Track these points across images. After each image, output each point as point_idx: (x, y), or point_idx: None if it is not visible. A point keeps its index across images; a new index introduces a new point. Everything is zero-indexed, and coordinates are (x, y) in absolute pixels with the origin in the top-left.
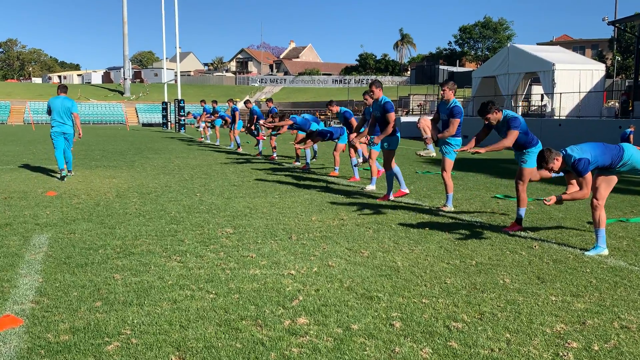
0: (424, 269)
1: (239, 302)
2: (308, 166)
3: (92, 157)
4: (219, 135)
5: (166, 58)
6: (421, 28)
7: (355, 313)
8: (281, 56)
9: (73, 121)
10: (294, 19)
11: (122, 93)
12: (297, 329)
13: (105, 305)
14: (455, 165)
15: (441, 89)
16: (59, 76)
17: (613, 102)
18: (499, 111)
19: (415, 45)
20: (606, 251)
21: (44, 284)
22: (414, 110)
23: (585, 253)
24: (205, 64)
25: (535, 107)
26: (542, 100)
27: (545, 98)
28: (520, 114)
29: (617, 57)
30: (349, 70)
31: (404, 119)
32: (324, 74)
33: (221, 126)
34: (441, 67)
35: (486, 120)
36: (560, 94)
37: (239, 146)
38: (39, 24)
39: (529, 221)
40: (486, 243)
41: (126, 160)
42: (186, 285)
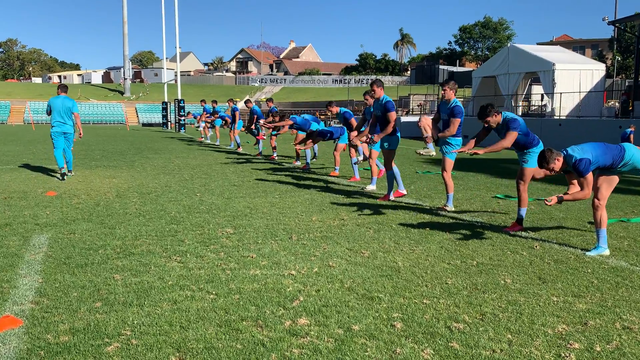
0: (425, 269)
1: (239, 303)
2: (308, 166)
3: (92, 157)
4: (219, 135)
5: (166, 58)
6: (421, 28)
7: (356, 314)
8: (281, 56)
9: (73, 121)
10: (294, 19)
11: (122, 93)
12: (298, 329)
13: (105, 306)
14: (456, 165)
15: (442, 88)
16: (59, 76)
17: (613, 102)
18: (498, 114)
19: (415, 45)
20: (607, 251)
21: (44, 285)
22: (414, 110)
23: (587, 253)
24: (205, 64)
25: (536, 107)
26: (542, 100)
27: (546, 98)
28: (520, 113)
29: (617, 57)
30: (349, 70)
31: (404, 118)
32: (324, 74)
33: (221, 126)
34: (441, 67)
35: (486, 124)
36: (560, 93)
37: (239, 146)
38: (39, 24)
39: (530, 221)
40: (487, 243)
41: (126, 160)
42: (186, 286)
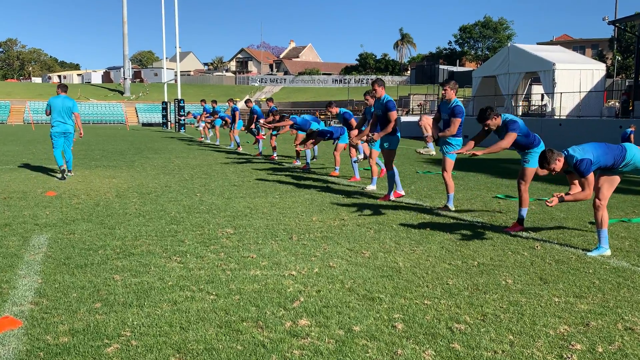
0: (426, 270)
1: (239, 304)
2: (308, 166)
3: (92, 157)
4: (219, 135)
5: (166, 58)
6: (421, 28)
7: (356, 314)
8: (281, 56)
9: (74, 121)
10: (294, 18)
11: (122, 93)
12: (299, 330)
13: (104, 307)
14: (456, 165)
15: (442, 88)
16: (59, 76)
17: (613, 102)
18: (497, 116)
19: (415, 45)
20: (609, 252)
21: (43, 285)
22: (414, 110)
23: (588, 254)
24: (205, 64)
25: (536, 107)
26: (543, 100)
27: (546, 98)
28: (520, 113)
29: (618, 57)
30: (349, 70)
31: (404, 118)
32: (324, 74)
33: (221, 126)
34: (441, 67)
35: (486, 127)
36: (560, 93)
37: (238, 145)
38: (39, 24)
39: (531, 221)
40: (488, 243)
41: (126, 160)
42: (186, 286)
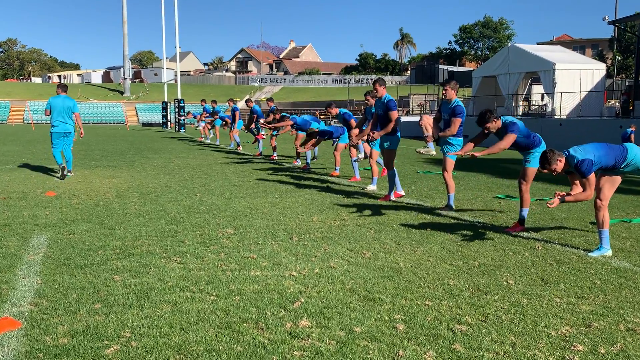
0: (427, 270)
1: (240, 304)
2: (308, 166)
3: (92, 157)
4: (219, 134)
5: (166, 58)
6: (421, 28)
7: (357, 315)
8: (281, 56)
9: (74, 121)
10: (294, 18)
11: (122, 93)
12: (299, 331)
13: (104, 308)
14: (457, 165)
15: (443, 88)
16: (59, 76)
17: (613, 102)
18: (497, 119)
19: (415, 44)
20: (610, 252)
21: (43, 286)
22: (414, 110)
23: (589, 254)
24: (205, 64)
25: (536, 107)
26: (543, 99)
27: (546, 98)
28: (520, 113)
29: (618, 57)
30: (349, 69)
31: (404, 118)
32: (323, 74)
33: (221, 126)
34: (441, 67)
35: (486, 130)
36: (560, 93)
37: (238, 145)
38: (39, 24)
39: (531, 221)
40: (489, 244)
41: (126, 160)
42: (186, 287)
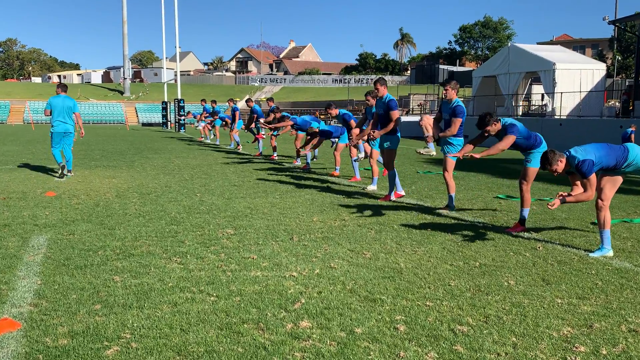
0: (428, 271)
1: (240, 305)
2: (308, 166)
3: (92, 157)
4: (219, 134)
5: (166, 58)
6: (421, 27)
7: (358, 316)
8: (281, 56)
9: (74, 120)
10: (294, 18)
11: (122, 93)
12: (300, 332)
13: (104, 308)
14: (457, 165)
15: (444, 88)
16: (59, 76)
17: (614, 102)
18: (497, 122)
19: (415, 44)
20: (611, 252)
21: (43, 287)
22: (414, 110)
23: (590, 254)
24: (205, 64)
25: (536, 107)
26: (543, 99)
27: (546, 97)
28: (520, 113)
29: (618, 57)
30: (348, 69)
31: (404, 118)
32: (323, 74)
33: (221, 126)
34: (441, 67)
35: (486, 133)
36: (560, 93)
37: (238, 144)
38: (38, 24)
39: (532, 222)
40: (489, 244)
41: (126, 160)
42: (187, 288)
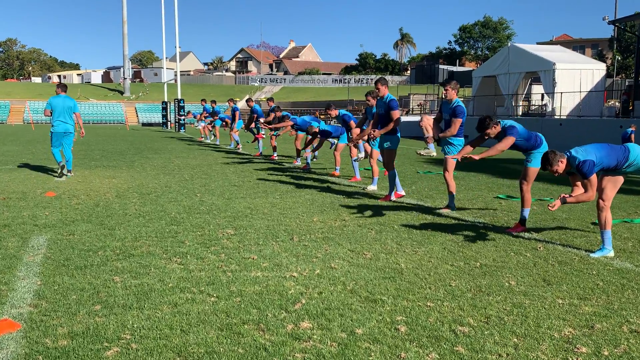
0: (428, 271)
1: (240, 306)
2: (309, 166)
3: (92, 157)
4: (219, 134)
5: (166, 58)
6: (421, 27)
7: (359, 317)
8: (281, 56)
9: (74, 120)
10: (294, 18)
11: (122, 93)
12: (301, 333)
13: (104, 309)
14: (457, 165)
15: (444, 88)
16: (59, 76)
17: (613, 102)
18: (497, 125)
19: (415, 44)
20: (612, 253)
21: (43, 287)
22: (414, 110)
23: (591, 255)
24: (205, 64)
25: (536, 107)
26: (543, 99)
27: (546, 97)
28: (520, 113)
29: (617, 57)
30: (348, 69)
31: (404, 118)
32: (323, 74)
33: (221, 126)
34: (441, 67)
35: (486, 136)
36: (560, 93)
37: (238, 143)
38: (38, 24)
39: (532, 222)
40: (490, 244)
41: (126, 160)
42: (187, 288)
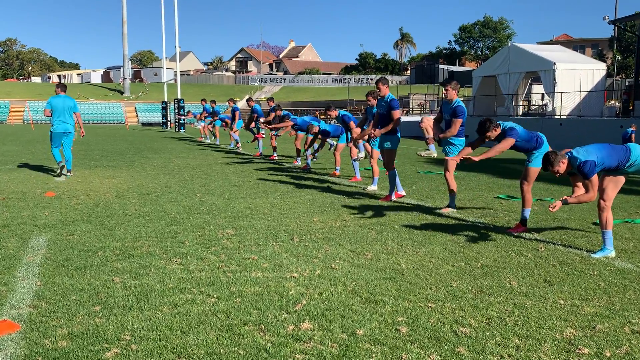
0: (429, 272)
1: (241, 307)
2: (309, 166)
3: (92, 157)
4: (219, 134)
5: (166, 57)
6: (421, 27)
7: (360, 318)
8: (281, 55)
9: (74, 120)
10: (294, 18)
11: (122, 92)
12: (301, 334)
13: (104, 310)
14: (458, 165)
15: (444, 88)
16: (59, 75)
17: (614, 102)
18: (497, 127)
19: (415, 44)
20: (613, 253)
21: (42, 288)
22: (414, 110)
23: (592, 255)
24: (205, 63)
25: (536, 107)
26: (543, 99)
27: (546, 97)
28: (520, 113)
29: (618, 57)
30: (348, 69)
31: (404, 118)
32: (323, 74)
33: (221, 126)
34: (441, 67)
35: (487, 139)
36: (561, 93)
37: (237, 142)
38: (38, 24)
39: (533, 222)
40: (491, 245)
41: (126, 160)
42: (187, 289)
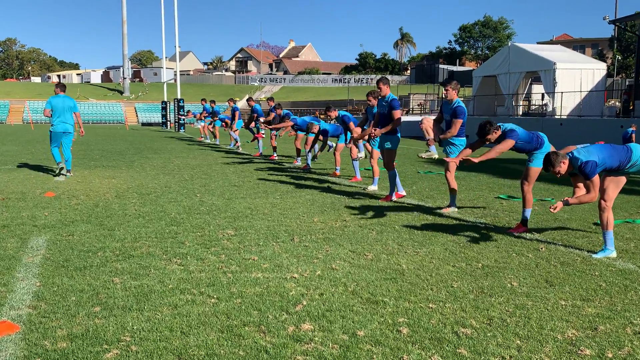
0: (430, 272)
1: (241, 307)
2: (309, 166)
3: (91, 157)
4: (219, 134)
5: (165, 57)
6: (421, 27)
7: (360, 318)
8: (281, 55)
9: (74, 120)
10: (294, 18)
11: (122, 92)
12: (302, 335)
13: (104, 311)
14: (458, 165)
15: (444, 88)
16: (58, 75)
17: (614, 102)
18: (497, 130)
19: (415, 44)
20: (614, 253)
21: (42, 288)
22: (414, 110)
23: (593, 255)
24: (205, 63)
25: (536, 107)
26: (543, 99)
27: (546, 97)
28: (520, 113)
29: (618, 56)
30: (348, 69)
31: (404, 118)
32: (323, 73)
33: (220, 126)
34: (441, 67)
35: (487, 141)
36: (561, 93)
37: (237, 141)
38: (38, 24)
39: (534, 222)
40: (492, 245)
41: (125, 160)
42: (187, 290)
